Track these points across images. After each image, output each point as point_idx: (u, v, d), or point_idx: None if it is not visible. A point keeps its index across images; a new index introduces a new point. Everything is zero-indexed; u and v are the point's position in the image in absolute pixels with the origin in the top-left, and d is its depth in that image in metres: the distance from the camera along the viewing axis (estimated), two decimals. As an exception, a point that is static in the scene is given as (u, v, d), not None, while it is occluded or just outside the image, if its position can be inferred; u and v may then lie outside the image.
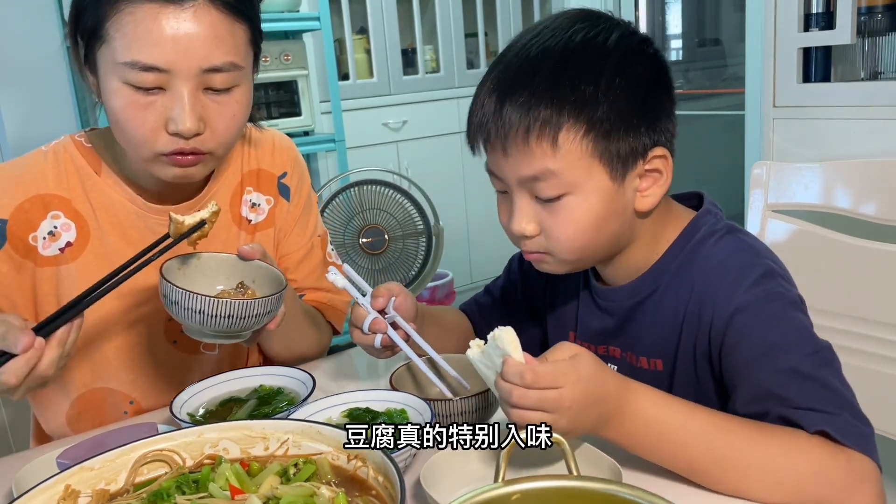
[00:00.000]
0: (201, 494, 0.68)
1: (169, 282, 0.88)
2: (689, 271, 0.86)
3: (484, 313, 1.14)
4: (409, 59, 3.54)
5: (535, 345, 1.08)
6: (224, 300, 0.87)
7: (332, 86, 2.93)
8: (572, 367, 0.71)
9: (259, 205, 1.18)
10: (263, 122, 1.21)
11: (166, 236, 0.92)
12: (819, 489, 0.70)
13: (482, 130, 0.84)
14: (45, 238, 1.04)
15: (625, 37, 0.83)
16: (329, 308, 1.26)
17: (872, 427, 0.74)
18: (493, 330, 0.73)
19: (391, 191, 2.90)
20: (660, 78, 0.85)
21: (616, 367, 0.93)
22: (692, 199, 0.95)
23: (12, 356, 0.81)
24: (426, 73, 3.57)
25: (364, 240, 2.86)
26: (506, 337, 0.72)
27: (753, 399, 0.77)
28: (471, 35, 3.72)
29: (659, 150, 0.83)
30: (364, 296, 0.97)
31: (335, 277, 0.94)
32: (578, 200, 0.82)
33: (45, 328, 0.83)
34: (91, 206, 1.06)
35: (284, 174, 1.21)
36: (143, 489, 0.70)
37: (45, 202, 1.04)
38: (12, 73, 2.47)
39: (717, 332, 0.81)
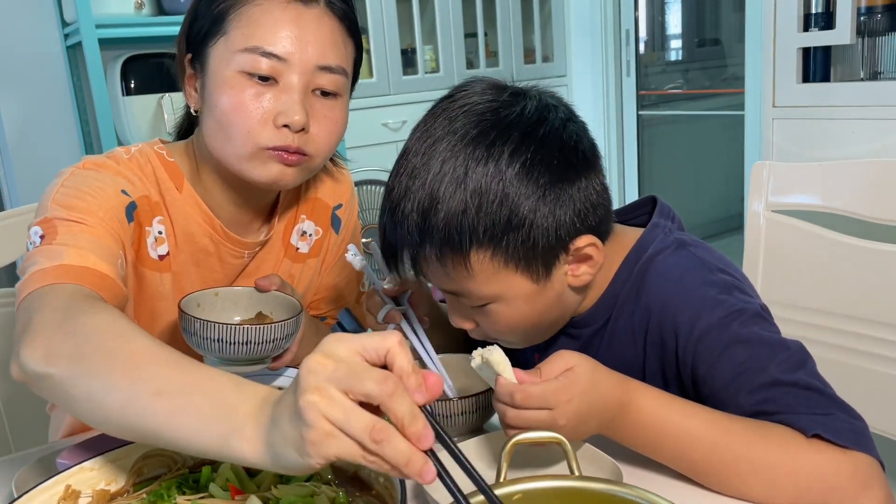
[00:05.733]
0: (201, 494, 0.68)
1: (187, 314, 0.88)
2: (641, 294, 0.83)
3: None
4: (408, 59, 3.53)
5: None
6: (240, 326, 0.87)
7: (332, 86, 2.93)
8: (564, 386, 0.70)
9: (310, 234, 1.16)
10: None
11: None
12: (821, 495, 0.69)
13: (395, 254, 0.82)
14: (154, 238, 0.99)
15: (530, 122, 0.76)
16: None
17: (864, 420, 0.73)
18: (483, 346, 0.73)
19: (391, 191, 2.89)
20: (574, 160, 0.78)
21: None
22: (647, 206, 0.91)
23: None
24: (426, 73, 3.56)
25: (364, 240, 2.85)
26: (494, 358, 0.72)
27: None
28: (470, 35, 3.71)
29: (582, 241, 0.79)
30: (383, 280, 0.96)
31: (353, 258, 0.94)
32: (503, 307, 0.80)
33: None
34: (171, 222, 1.00)
35: (340, 206, 1.19)
36: (143, 489, 0.70)
37: (153, 205, 0.98)
38: (12, 73, 2.47)
39: (685, 360, 0.79)
